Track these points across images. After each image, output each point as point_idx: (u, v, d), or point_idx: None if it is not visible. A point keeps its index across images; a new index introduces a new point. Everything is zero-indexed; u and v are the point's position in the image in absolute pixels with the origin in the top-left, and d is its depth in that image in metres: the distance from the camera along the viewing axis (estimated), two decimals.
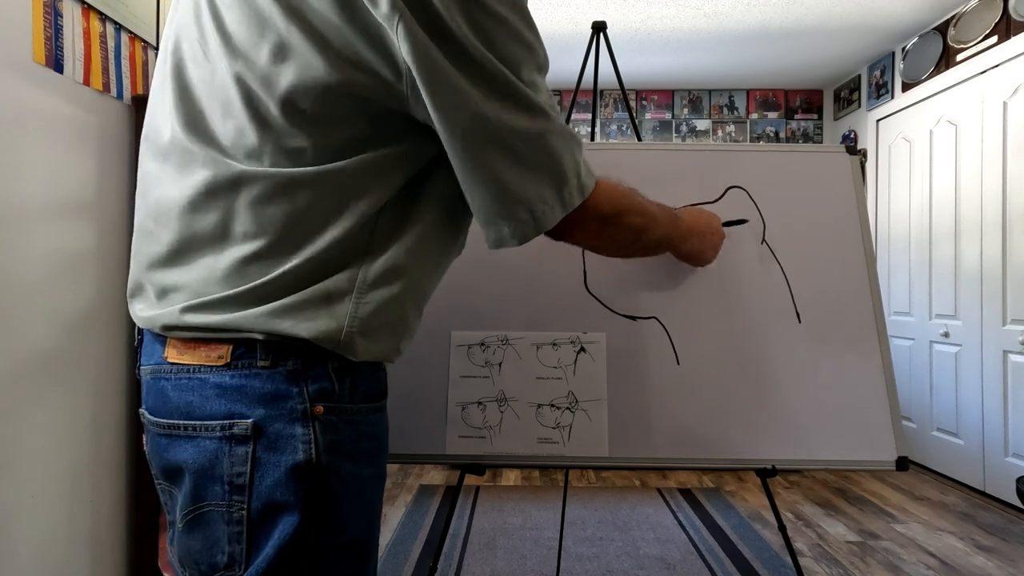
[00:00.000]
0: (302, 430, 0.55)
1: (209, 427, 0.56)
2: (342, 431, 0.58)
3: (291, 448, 0.55)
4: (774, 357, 1.17)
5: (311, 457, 0.55)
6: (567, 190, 0.61)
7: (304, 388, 0.56)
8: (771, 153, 1.28)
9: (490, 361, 1.17)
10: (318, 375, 0.57)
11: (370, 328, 0.59)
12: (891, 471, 1.12)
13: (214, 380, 0.56)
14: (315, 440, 0.56)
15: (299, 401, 0.56)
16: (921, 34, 3.19)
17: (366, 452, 0.60)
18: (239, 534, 0.55)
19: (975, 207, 2.82)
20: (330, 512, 0.56)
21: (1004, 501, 2.65)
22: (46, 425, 1.28)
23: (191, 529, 0.57)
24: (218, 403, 0.56)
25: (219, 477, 0.55)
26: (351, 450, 0.58)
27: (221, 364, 0.56)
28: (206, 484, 0.56)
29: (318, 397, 0.57)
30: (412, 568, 2.04)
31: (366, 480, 0.60)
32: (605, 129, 4.07)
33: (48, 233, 1.28)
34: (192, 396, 0.56)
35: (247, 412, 0.55)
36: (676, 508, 2.63)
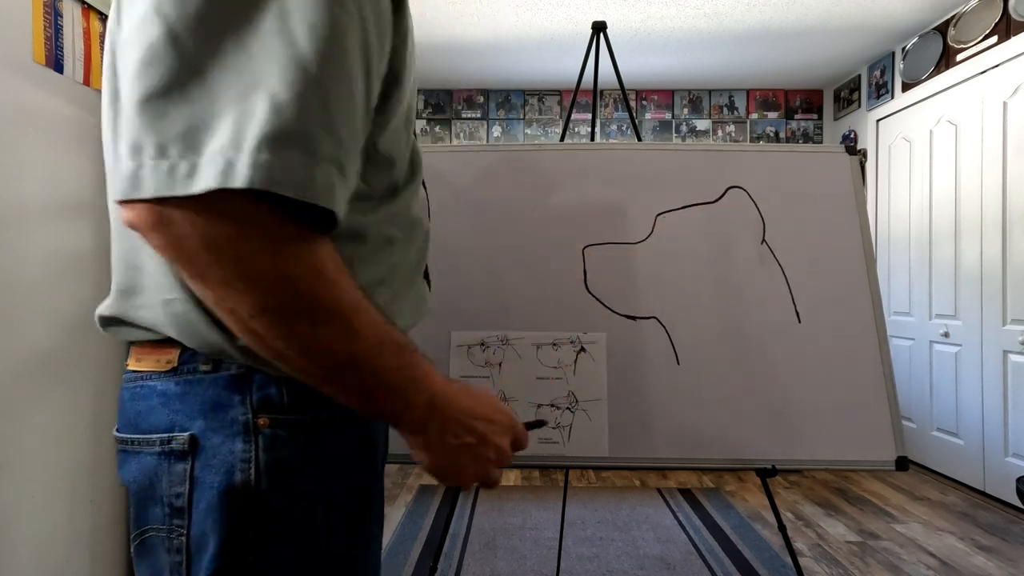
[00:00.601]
0: (242, 446, 0.47)
1: (150, 441, 0.49)
2: (293, 447, 0.49)
3: (227, 467, 0.47)
4: (774, 357, 1.17)
5: (249, 478, 0.47)
6: (166, 153, 0.38)
7: (248, 396, 0.48)
8: (771, 153, 1.28)
9: (490, 361, 1.17)
10: (264, 381, 0.49)
11: None
12: (891, 471, 1.12)
13: (160, 388, 0.50)
14: (255, 458, 0.47)
15: (241, 411, 0.48)
16: (921, 34, 3.19)
17: (327, 471, 0.51)
18: (179, 564, 0.48)
19: (975, 207, 2.82)
20: (274, 546, 0.48)
21: (1004, 501, 2.65)
22: (46, 425, 1.28)
23: (139, 557, 0.51)
24: (161, 414, 0.49)
25: (159, 498, 0.49)
26: (305, 470, 0.49)
27: (168, 369, 0.50)
28: (147, 506, 0.50)
29: (262, 407, 0.48)
30: (412, 568, 2.04)
31: (328, 504, 0.51)
32: (605, 129, 4.07)
33: (48, 233, 1.28)
34: (140, 406, 0.51)
35: (187, 424, 0.48)
36: (676, 508, 2.63)
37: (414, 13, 2.92)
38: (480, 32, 3.18)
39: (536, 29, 3.16)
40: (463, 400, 0.53)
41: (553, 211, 1.25)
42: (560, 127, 4.02)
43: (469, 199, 1.27)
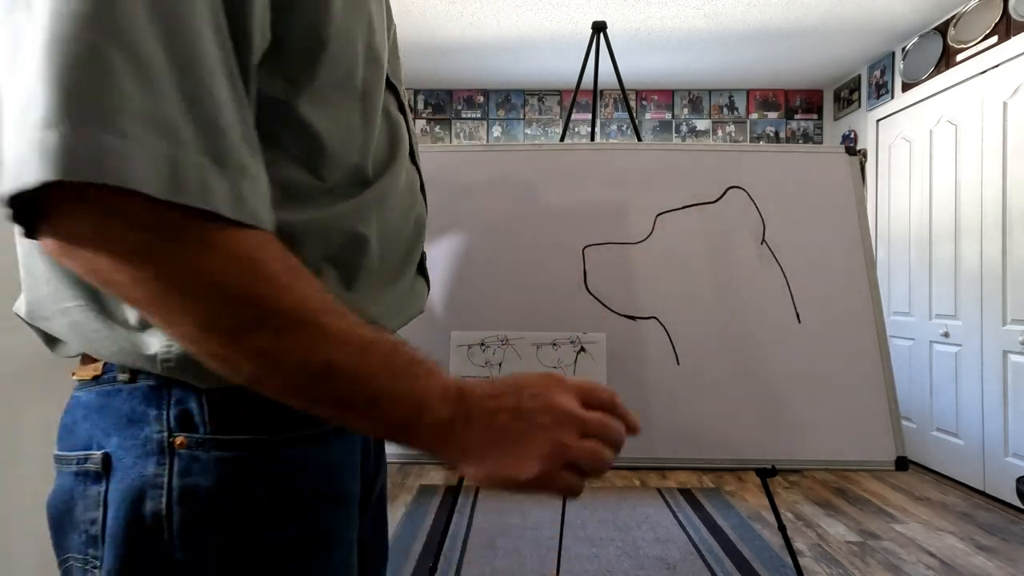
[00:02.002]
0: (155, 468, 0.40)
1: (68, 460, 0.43)
2: (213, 474, 0.40)
3: (135, 493, 0.40)
4: (774, 357, 1.17)
5: (159, 507, 0.39)
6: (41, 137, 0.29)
7: (164, 411, 0.41)
8: (771, 153, 1.28)
9: (490, 361, 1.17)
10: (184, 393, 0.41)
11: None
12: (891, 471, 1.12)
13: (84, 399, 0.44)
14: (168, 485, 0.40)
15: (156, 428, 0.41)
16: (921, 34, 3.19)
17: (261, 506, 0.41)
18: None
19: (975, 207, 2.82)
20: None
21: (1004, 501, 2.65)
22: (46, 425, 1.28)
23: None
24: (81, 429, 0.43)
25: (76, 524, 0.42)
26: (229, 502, 0.41)
27: (92, 378, 0.44)
28: (66, 531, 0.43)
29: (180, 424, 0.41)
30: (412, 568, 2.04)
31: (269, 554, 0.42)
32: (605, 129, 4.08)
33: None
34: (67, 419, 0.45)
35: (103, 441, 0.42)
36: (676, 508, 2.63)
37: (415, 13, 2.91)
38: (480, 32, 3.18)
39: (536, 29, 3.16)
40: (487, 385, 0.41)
41: (553, 211, 1.25)
42: (560, 127, 4.02)
43: (469, 199, 1.27)
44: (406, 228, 0.55)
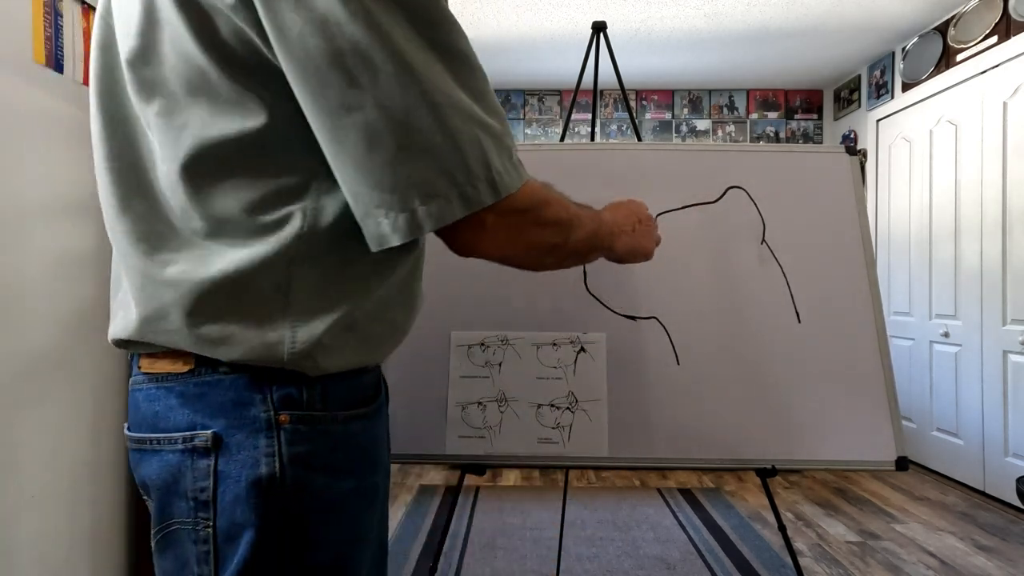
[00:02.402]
0: (265, 441, 0.50)
1: (172, 439, 0.52)
2: (313, 442, 0.52)
3: (252, 461, 0.50)
4: (774, 357, 1.17)
5: (274, 471, 0.50)
6: (471, 181, 0.48)
7: (268, 395, 0.51)
8: (771, 153, 1.28)
9: (490, 361, 1.17)
10: (283, 379, 0.52)
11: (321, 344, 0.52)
12: (891, 471, 1.12)
13: (179, 389, 0.52)
14: (279, 452, 0.50)
15: (262, 409, 0.51)
16: (921, 34, 3.19)
17: (345, 464, 0.54)
18: (207, 554, 0.51)
19: (975, 207, 2.82)
20: (300, 531, 0.51)
21: (1004, 501, 2.65)
22: (46, 425, 1.28)
23: (162, 550, 0.53)
24: (181, 414, 0.52)
25: (183, 493, 0.51)
26: (324, 463, 0.53)
27: (185, 371, 0.52)
28: (172, 501, 0.52)
29: (283, 404, 0.51)
30: (412, 568, 2.04)
31: (344, 495, 0.54)
32: (605, 129, 4.08)
33: (48, 233, 1.28)
34: (158, 407, 0.53)
35: (209, 423, 0.51)
36: (676, 508, 2.63)
37: None
38: (481, 32, 3.18)
39: (536, 29, 3.16)
40: (620, 214, 0.82)
41: None
42: (560, 127, 4.02)
43: None
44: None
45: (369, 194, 0.47)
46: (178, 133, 0.49)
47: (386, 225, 0.47)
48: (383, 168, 0.46)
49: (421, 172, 0.46)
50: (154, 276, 0.52)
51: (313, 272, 0.51)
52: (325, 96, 0.45)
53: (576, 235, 0.62)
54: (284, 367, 0.51)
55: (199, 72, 0.48)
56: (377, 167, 0.46)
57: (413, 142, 0.45)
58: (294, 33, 0.44)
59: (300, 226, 0.50)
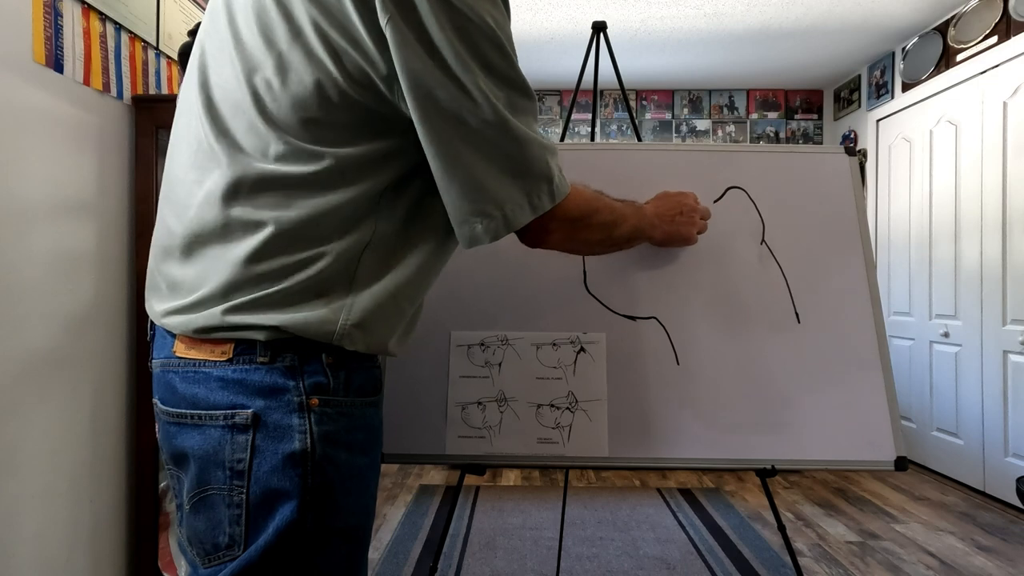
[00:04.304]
0: (298, 421, 0.58)
1: (213, 416, 0.59)
2: (337, 422, 0.61)
3: (288, 437, 0.58)
4: (774, 357, 1.17)
5: (307, 446, 0.58)
6: (538, 193, 0.64)
7: (300, 382, 0.59)
8: (771, 153, 1.28)
9: (490, 361, 1.17)
10: (313, 370, 0.60)
11: (366, 321, 0.62)
12: (891, 471, 1.12)
13: (217, 374, 0.59)
14: (310, 430, 0.59)
15: (296, 394, 0.59)
16: (921, 34, 3.19)
17: (360, 443, 0.63)
18: (239, 516, 0.58)
19: (975, 207, 2.82)
20: (326, 498, 0.59)
21: (1004, 501, 2.65)
22: (46, 425, 1.28)
23: (196, 511, 0.60)
24: (221, 394, 0.59)
25: (221, 463, 0.58)
26: (346, 440, 0.61)
27: (224, 359, 0.59)
28: (210, 469, 0.59)
29: (313, 390, 0.60)
30: (412, 568, 2.04)
31: (361, 469, 0.63)
32: (605, 129, 4.07)
33: (48, 233, 1.28)
34: (197, 388, 0.60)
35: (248, 403, 0.58)
36: (676, 508, 2.63)
37: None
38: None
39: (536, 29, 3.16)
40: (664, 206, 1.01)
41: None
42: (560, 127, 4.02)
43: None
44: None
45: (469, 206, 0.61)
46: None
47: (479, 229, 0.62)
48: (481, 188, 0.60)
49: (507, 189, 0.62)
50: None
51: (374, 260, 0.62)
52: (442, 133, 0.58)
53: (620, 231, 0.82)
54: (332, 342, 0.60)
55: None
56: (478, 187, 0.60)
57: (503, 167, 0.61)
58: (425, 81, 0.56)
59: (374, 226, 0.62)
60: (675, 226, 1.02)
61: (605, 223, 0.78)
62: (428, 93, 0.57)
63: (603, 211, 0.77)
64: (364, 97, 0.58)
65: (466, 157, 0.59)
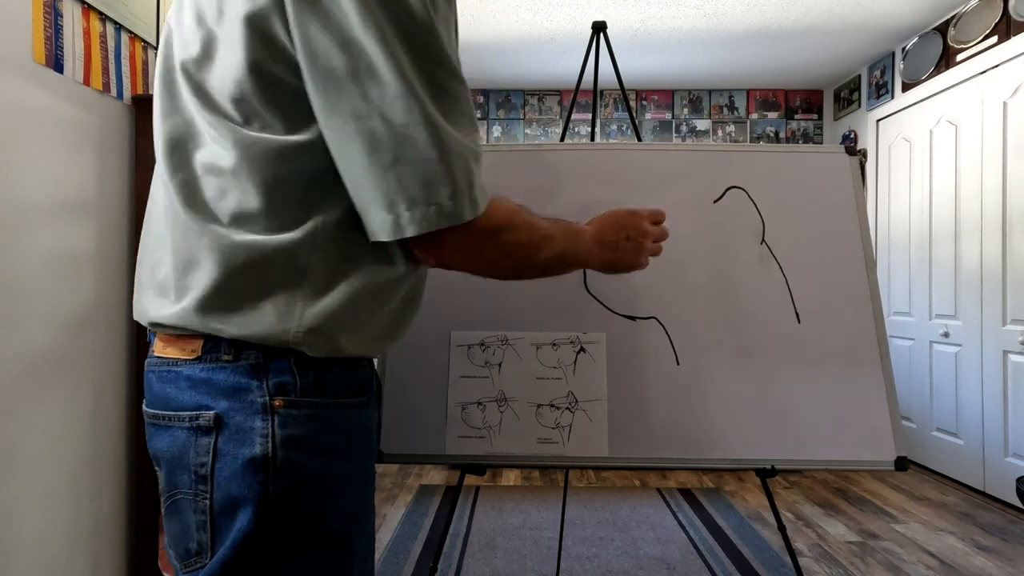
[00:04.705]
0: (261, 423, 0.55)
1: (180, 418, 0.56)
2: (305, 425, 0.56)
3: (249, 441, 0.54)
4: (774, 357, 1.17)
5: (267, 451, 0.54)
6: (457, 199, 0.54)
7: (264, 382, 0.56)
8: (771, 153, 1.28)
9: (490, 361, 1.17)
10: (279, 369, 0.56)
11: (324, 327, 0.57)
12: (891, 471, 1.12)
13: (187, 373, 0.57)
14: (272, 434, 0.55)
15: (259, 394, 0.55)
16: (921, 34, 3.19)
17: (338, 447, 0.58)
18: (204, 523, 0.55)
19: (975, 207, 2.82)
20: (293, 505, 0.55)
21: (1004, 501, 2.65)
22: (46, 425, 1.28)
23: (170, 515, 0.59)
24: (189, 395, 0.56)
25: (187, 466, 0.56)
26: (317, 445, 0.57)
27: (193, 357, 0.57)
28: (177, 472, 0.57)
29: (277, 391, 0.56)
30: (412, 568, 2.04)
31: (339, 474, 0.58)
32: (605, 129, 4.07)
33: (48, 233, 1.28)
34: (169, 388, 0.58)
35: (212, 404, 0.55)
36: (676, 508, 2.63)
37: None
38: (480, 32, 3.18)
39: (536, 29, 3.16)
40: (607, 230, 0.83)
41: (553, 211, 1.25)
42: (560, 127, 4.02)
43: None
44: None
45: (368, 193, 0.53)
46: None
47: (377, 223, 0.54)
48: (381, 172, 0.52)
49: (412, 181, 0.52)
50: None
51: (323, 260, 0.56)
52: (340, 105, 0.52)
53: (543, 255, 0.68)
54: (289, 346, 0.56)
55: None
56: (377, 171, 0.52)
57: (408, 154, 0.52)
58: (321, 49, 0.51)
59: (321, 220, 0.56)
60: (618, 253, 0.83)
61: (521, 244, 0.65)
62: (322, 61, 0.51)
63: (520, 229, 0.64)
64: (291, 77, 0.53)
65: (367, 136, 0.52)
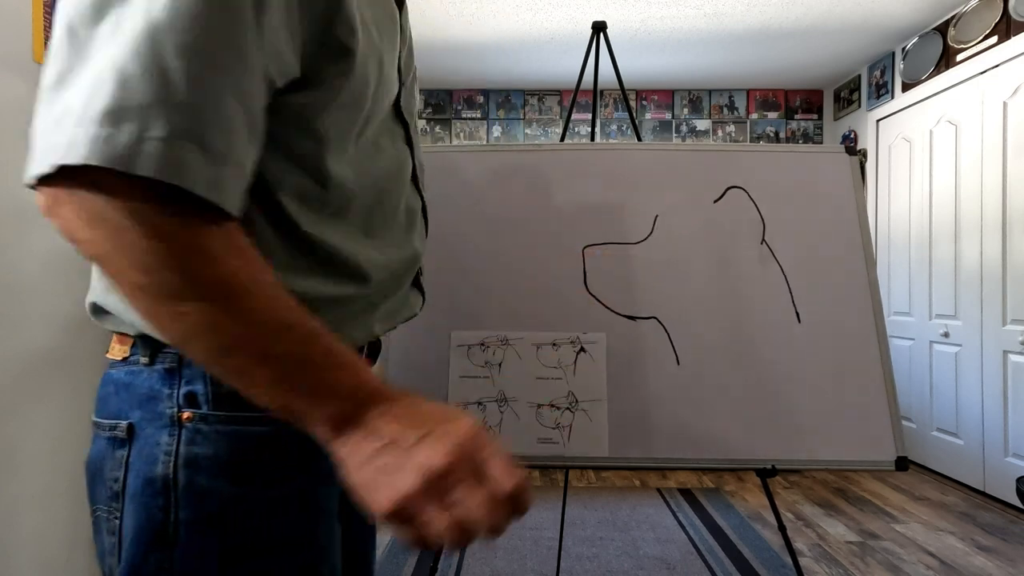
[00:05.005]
0: (167, 439, 0.48)
1: (102, 426, 0.51)
2: (216, 444, 0.48)
3: (152, 458, 0.47)
4: (774, 357, 1.17)
5: (167, 472, 0.47)
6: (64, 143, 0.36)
7: (176, 390, 0.48)
8: (771, 153, 1.28)
9: (490, 361, 1.17)
10: (192, 374, 0.48)
11: None
12: (891, 471, 1.12)
13: (115, 376, 0.52)
14: (176, 452, 0.47)
15: (168, 404, 0.48)
16: (921, 34, 3.19)
17: (261, 473, 0.49)
18: (114, 546, 0.49)
19: (975, 207, 2.82)
20: (195, 540, 0.47)
21: (1004, 501, 2.65)
22: (46, 425, 1.28)
23: (94, 532, 0.53)
24: (114, 402, 0.51)
25: (104, 480, 0.50)
26: (229, 467, 0.48)
27: (121, 359, 0.51)
28: (96, 485, 0.51)
29: (187, 401, 0.48)
30: (412, 568, 2.04)
31: (263, 503, 0.48)
32: (605, 129, 4.07)
33: (48, 233, 1.28)
34: (102, 392, 0.53)
35: (128, 413, 0.50)
36: (676, 508, 2.63)
37: (414, 14, 2.92)
38: (480, 32, 3.18)
39: (536, 29, 3.16)
40: (401, 416, 0.41)
41: (553, 211, 1.25)
42: (560, 127, 4.02)
43: (469, 199, 1.27)
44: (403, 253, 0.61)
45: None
46: None
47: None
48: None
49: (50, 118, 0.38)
50: None
51: None
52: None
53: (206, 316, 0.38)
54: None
55: None
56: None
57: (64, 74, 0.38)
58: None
59: None
60: (370, 469, 0.40)
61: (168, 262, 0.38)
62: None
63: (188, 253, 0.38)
64: None
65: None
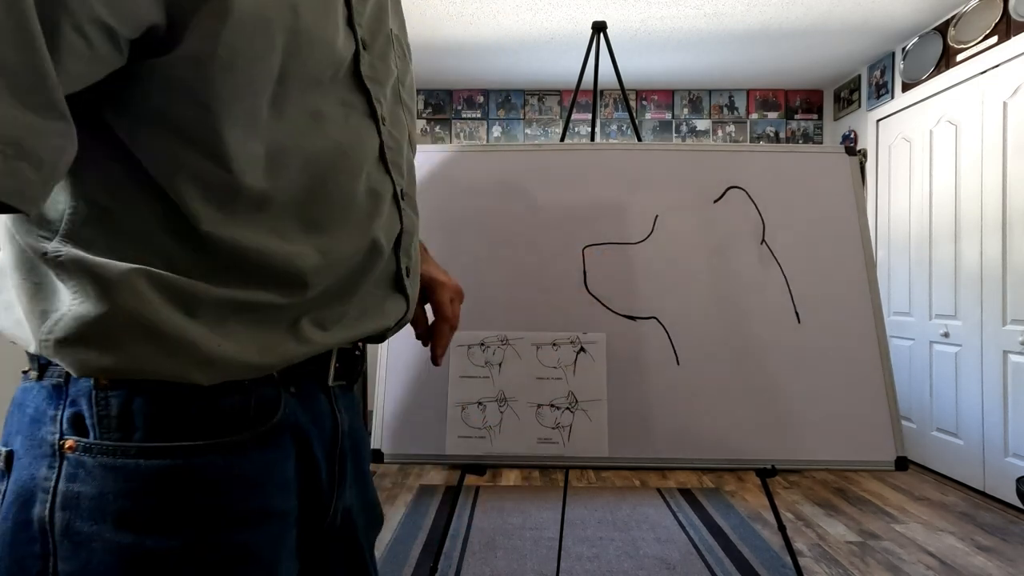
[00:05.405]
0: (45, 471, 0.39)
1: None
2: (99, 481, 0.38)
3: (28, 495, 0.39)
4: (774, 357, 1.17)
5: (43, 514, 0.38)
6: None
7: (60, 411, 0.40)
8: (771, 153, 1.28)
9: (490, 361, 1.17)
10: (77, 391, 0.39)
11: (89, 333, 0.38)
12: (891, 471, 1.12)
13: (15, 394, 0.44)
14: (54, 490, 0.38)
15: (51, 429, 0.39)
16: (921, 34, 3.19)
17: (149, 516, 0.39)
18: None
19: (975, 207, 2.82)
20: None
21: (1004, 501, 2.65)
22: None
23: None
24: (8, 424, 0.43)
25: None
26: (112, 510, 0.38)
27: (23, 373, 0.44)
28: None
29: (71, 426, 0.39)
30: (412, 568, 2.04)
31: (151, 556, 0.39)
32: (605, 129, 4.07)
33: None
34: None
35: (11, 438, 0.41)
36: (676, 508, 2.63)
37: (414, 14, 2.91)
38: (480, 32, 3.18)
39: (536, 29, 3.16)
40: None
41: (553, 211, 1.25)
42: (560, 127, 4.02)
43: (468, 199, 1.27)
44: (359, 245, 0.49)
45: None
46: None
47: None
48: None
49: None
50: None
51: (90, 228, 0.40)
52: None
53: None
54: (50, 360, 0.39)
55: None
56: None
57: None
58: None
59: None
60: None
61: None
62: None
63: None
64: None
65: None
